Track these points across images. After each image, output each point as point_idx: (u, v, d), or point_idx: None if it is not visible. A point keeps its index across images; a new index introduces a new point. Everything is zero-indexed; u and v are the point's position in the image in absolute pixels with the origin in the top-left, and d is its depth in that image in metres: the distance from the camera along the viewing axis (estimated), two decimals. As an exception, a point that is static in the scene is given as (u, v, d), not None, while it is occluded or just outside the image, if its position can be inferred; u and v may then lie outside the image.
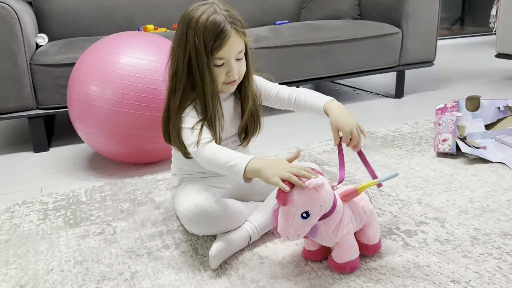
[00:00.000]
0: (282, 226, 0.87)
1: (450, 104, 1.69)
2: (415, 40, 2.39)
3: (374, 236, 0.99)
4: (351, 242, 0.94)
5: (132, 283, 0.95)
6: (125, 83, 1.38)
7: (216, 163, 0.96)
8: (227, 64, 1.00)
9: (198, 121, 1.01)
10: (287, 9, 2.64)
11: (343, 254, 0.94)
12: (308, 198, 0.85)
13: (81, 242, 1.12)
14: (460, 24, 5.06)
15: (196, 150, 0.98)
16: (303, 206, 0.85)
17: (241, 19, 1.02)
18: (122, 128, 1.42)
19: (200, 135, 0.99)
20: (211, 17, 0.97)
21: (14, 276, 1.00)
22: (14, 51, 1.69)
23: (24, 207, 1.33)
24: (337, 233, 0.92)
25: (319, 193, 0.86)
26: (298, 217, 0.86)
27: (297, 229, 0.86)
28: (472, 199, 1.26)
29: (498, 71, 3.04)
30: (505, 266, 0.95)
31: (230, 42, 0.98)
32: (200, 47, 0.97)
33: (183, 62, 1.00)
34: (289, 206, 0.85)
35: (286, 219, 0.86)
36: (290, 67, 2.14)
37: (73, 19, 2.18)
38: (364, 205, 0.96)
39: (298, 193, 0.85)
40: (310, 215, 0.86)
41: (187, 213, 1.01)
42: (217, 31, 0.96)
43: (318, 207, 0.87)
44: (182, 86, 1.02)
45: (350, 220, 0.94)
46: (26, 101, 1.75)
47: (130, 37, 1.52)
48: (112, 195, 1.38)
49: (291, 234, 0.86)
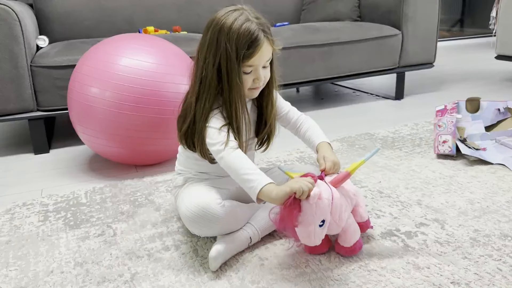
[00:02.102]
0: (306, 241, 0.94)
1: (450, 105, 1.70)
2: (415, 42, 2.40)
3: (364, 213, 1.06)
4: (354, 224, 1.01)
5: (132, 284, 0.95)
6: (125, 85, 1.39)
7: (237, 170, 0.97)
8: (255, 71, 1.02)
9: (225, 124, 1.01)
10: (287, 11, 2.65)
11: (350, 237, 1.00)
12: (316, 210, 0.90)
13: (81, 243, 1.12)
14: (460, 25, 5.06)
15: (223, 149, 0.98)
16: (317, 219, 0.91)
17: (270, 27, 1.03)
18: (122, 130, 1.42)
19: (228, 137, 1.00)
20: (245, 24, 0.97)
21: (14, 277, 1.00)
22: (15, 53, 1.69)
23: (25, 208, 1.33)
24: (342, 219, 0.97)
25: (322, 200, 0.91)
26: (317, 228, 0.92)
27: (319, 236, 0.93)
28: (472, 200, 1.26)
29: (498, 73, 3.04)
30: (505, 267, 0.95)
31: (262, 51, 0.99)
32: (232, 53, 0.97)
33: (213, 67, 0.99)
34: (305, 227, 0.91)
35: (308, 236, 0.92)
36: (290, 69, 2.14)
37: (74, 21, 2.19)
38: (351, 188, 1.02)
39: (306, 212, 0.90)
40: (325, 220, 0.93)
41: (189, 214, 1.01)
42: (251, 39, 0.97)
43: (329, 212, 0.93)
44: (211, 90, 1.01)
45: (346, 203, 0.99)
46: (27, 103, 1.75)
47: (131, 39, 1.53)
48: (112, 196, 1.38)
49: (317, 242, 0.94)
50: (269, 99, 1.11)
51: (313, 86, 2.94)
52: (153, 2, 2.33)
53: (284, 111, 1.20)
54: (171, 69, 1.45)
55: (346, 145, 1.74)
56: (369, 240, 1.08)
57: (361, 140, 1.79)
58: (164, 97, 1.40)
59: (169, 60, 1.48)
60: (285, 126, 1.22)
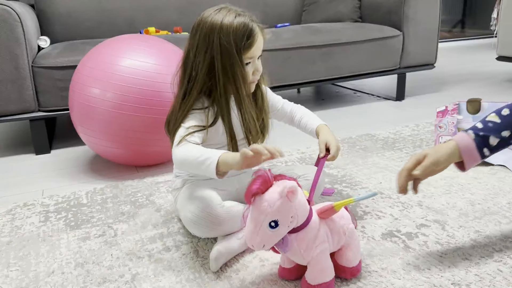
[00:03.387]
0: (249, 234, 0.81)
1: (451, 106, 1.70)
2: (416, 43, 2.40)
3: (353, 258, 0.92)
4: (325, 263, 0.88)
5: (133, 285, 0.96)
6: (126, 86, 1.39)
7: (189, 159, 0.95)
8: (253, 63, 1.04)
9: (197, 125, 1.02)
10: (288, 12, 2.65)
11: (316, 275, 0.88)
12: (279, 206, 0.79)
13: (82, 244, 1.12)
14: (461, 26, 5.06)
15: (175, 146, 0.99)
16: (272, 214, 0.79)
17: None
18: (123, 131, 1.42)
19: (190, 136, 0.99)
20: (236, 19, 1.00)
21: (15, 278, 1.00)
22: (16, 54, 1.70)
23: (25, 209, 1.33)
24: (310, 250, 0.86)
25: (291, 203, 0.80)
26: (266, 226, 0.80)
27: (264, 238, 0.80)
28: (472, 201, 1.26)
29: (499, 74, 3.04)
30: (505, 269, 0.95)
31: (258, 42, 1.02)
32: (230, 48, 0.98)
33: (203, 66, 1.00)
34: (258, 213, 0.80)
35: (254, 226, 0.80)
36: (291, 70, 2.14)
37: (75, 22, 2.19)
38: (344, 225, 0.90)
39: (269, 199, 0.79)
40: (279, 225, 0.80)
41: (190, 215, 1.01)
42: (247, 31, 0.99)
43: (289, 217, 0.81)
44: (197, 90, 1.02)
45: (326, 239, 0.87)
46: (28, 104, 1.75)
47: (132, 40, 1.53)
48: (113, 197, 1.38)
49: (257, 243, 0.81)
50: (259, 93, 1.12)
51: (314, 87, 2.94)
52: (154, 3, 2.33)
53: (278, 105, 1.23)
54: (172, 70, 1.44)
55: (347, 146, 1.74)
56: (370, 241, 1.08)
57: (362, 141, 1.79)
58: (165, 98, 1.40)
59: (170, 61, 1.48)
60: (281, 120, 1.25)
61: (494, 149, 0.99)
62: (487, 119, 1.01)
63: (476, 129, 1.00)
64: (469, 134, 0.99)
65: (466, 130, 1.01)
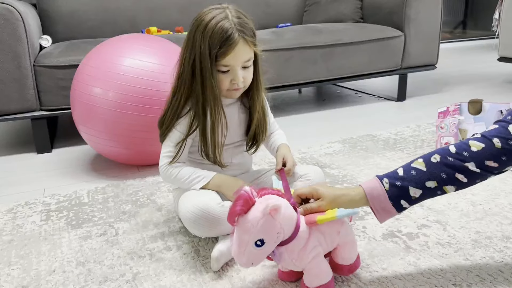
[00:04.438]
0: (235, 254, 0.80)
1: (452, 107, 1.70)
2: (417, 44, 2.40)
3: (349, 257, 0.92)
4: (320, 266, 0.87)
5: (134, 284, 0.96)
6: (128, 85, 1.39)
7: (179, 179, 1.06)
8: (232, 71, 1.00)
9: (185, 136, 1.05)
10: (289, 12, 2.65)
11: (313, 279, 0.87)
12: (262, 225, 0.78)
13: (83, 243, 1.13)
14: (462, 27, 5.06)
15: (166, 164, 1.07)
16: (257, 233, 0.78)
17: (252, 27, 1.01)
18: (124, 130, 1.42)
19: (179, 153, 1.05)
20: (220, 23, 0.96)
21: (17, 276, 1.00)
22: (18, 53, 1.70)
23: (27, 208, 1.33)
24: (301, 259, 0.85)
25: (275, 220, 0.79)
26: (251, 245, 0.78)
27: (250, 257, 0.79)
28: (474, 202, 1.26)
29: (501, 75, 3.04)
30: (506, 269, 0.95)
31: (236, 51, 0.98)
32: (205, 52, 0.97)
33: (188, 64, 1.01)
34: (242, 233, 0.79)
35: (239, 246, 0.79)
36: (292, 70, 2.14)
37: (77, 21, 2.19)
38: (338, 225, 0.88)
39: (252, 219, 0.78)
40: (265, 243, 0.79)
41: (189, 215, 1.01)
42: (223, 38, 0.96)
43: (275, 234, 0.80)
44: (186, 87, 1.03)
45: (318, 243, 0.86)
46: (30, 103, 1.75)
47: (133, 39, 1.53)
48: (114, 196, 1.39)
49: (244, 262, 0.80)
50: (254, 100, 1.09)
51: (315, 87, 2.94)
52: (155, 3, 2.33)
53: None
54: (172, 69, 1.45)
55: (348, 147, 1.74)
56: (371, 241, 1.08)
57: (363, 142, 1.79)
58: (166, 97, 1.40)
59: (172, 61, 1.47)
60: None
61: (417, 201, 0.86)
62: (412, 165, 0.86)
63: (394, 177, 0.86)
64: (383, 184, 0.86)
65: (382, 178, 0.87)
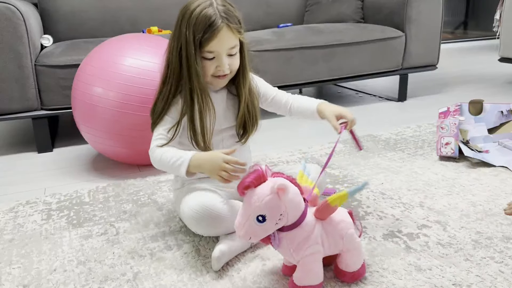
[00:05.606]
0: (237, 224, 0.83)
1: (453, 107, 1.70)
2: (418, 44, 2.40)
3: (352, 264, 0.91)
4: (312, 266, 0.86)
5: (134, 283, 0.96)
6: (129, 85, 1.39)
7: (164, 161, 1.02)
8: (217, 58, 1.01)
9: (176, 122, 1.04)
10: (290, 12, 2.65)
11: (302, 276, 0.87)
12: (267, 201, 0.80)
13: (84, 242, 1.13)
14: (463, 28, 5.06)
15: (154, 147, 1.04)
16: (260, 208, 0.80)
17: (238, 15, 1.02)
18: (125, 130, 1.43)
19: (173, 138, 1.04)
20: (204, 10, 0.97)
21: (17, 275, 1.00)
22: (20, 52, 1.70)
23: (28, 207, 1.34)
24: (299, 250, 0.85)
25: (280, 201, 0.80)
26: (253, 219, 0.81)
27: (249, 230, 0.82)
28: (474, 203, 1.26)
29: (501, 75, 3.04)
30: (507, 270, 0.95)
31: (220, 37, 0.99)
32: (189, 38, 0.98)
33: (176, 52, 1.02)
34: (247, 205, 0.81)
35: (241, 216, 0.82)
36: (293, 70, 2.14)
37: (78, 21, 2.20)
38: (342, 229, 0.88)
39: (259, 193, 0.80)
40: (267, 220, 0.81)
41: (192, 213, 1.01)
42: (207, 25, 0.97)
43: (278, 214, 0.81)
44: (175, 76, 1.04)
45: (320, 242, 0.86)
46: (31, 102, 1.76)
47: (134, 39, 1.53)
48: (115, 196, 1.39)
49: (242, 234, 0.82)
50: (241, 87, 1.09)
51: (316, 87, 2.94)
52: (156, 2, 2.34)
53: (270, 95, 1.19)
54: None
55: (349, 147, 1.74)
56: (371, 241, 1.08)
57: (363, 142, 1.79)
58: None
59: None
60: (277, 111, 1.21)
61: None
62: None
63: None
64: None
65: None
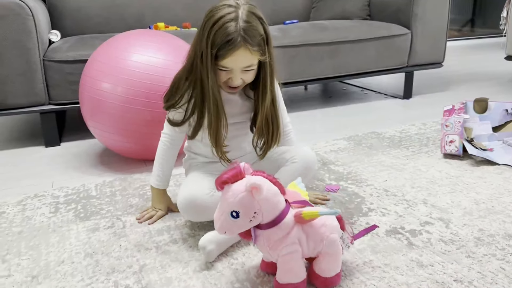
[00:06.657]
0: (215, 216, 0.85)
1: (458, 105, 1.70)
2: (424, 41, 2.39)
3: (327, 269, 0.90)
4: (291, 264, 0.87)
5: (140, 276, 0.98)
6: (136, 81, 1.41)
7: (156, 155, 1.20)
8: (231, 71, 1.02)
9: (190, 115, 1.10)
10: (296, 9, 2.66)
11: (283, 275, 0.88)
12: (241, 199, 0.81)
13: (91, 235, 1.15)
14: (470, 25, 5.03)
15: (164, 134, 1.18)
16: (234, 205, 0.82)
17: (261, 32, 1.00)
18: (132, 125, 1.44)
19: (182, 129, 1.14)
20: (225, 24, 0.95)
21: (26, 266, 1.02)
22: (28, 47, 1.72)
23: (36, 200, 1.36)
24: (275, 249, 0.86)
25: (253, 199, 0.82)
26: (227, 214, 0.83)
27: (224, 224, 0.84)
28: (477, 200, 1.27)
29: (507, 74, 3.03)
30: (508, 267, 0.96)
31: (235, 56, 0.98)
32: (207, 48, 0.98)
33: (196, 54, 1.03)
34: (223, 200, 0.84)
35: (218, 211, 0.85)
36: (298, 67, 2.15)
37: (85, 17, 2.21)
38: (324, 233, 0.88)
39: (234, 190, 0.82)
40: (240, 216, 0.82)
41: (178, 203, 1.09)
42: (224, 41, 0.96)
43: (251, 212, 0.83)
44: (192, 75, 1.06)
45: (297, 242, 0.87)
46: (39, 97, 1.78)
47: (141, 35, 1.55)
48: (121, 190, 1.41)
49: (218, 227, 0.84)
50: (259, 100, 1.09)
51: (321, 84, 2.94)
52: (163, -2, 2.35)
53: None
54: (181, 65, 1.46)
55: (353, 144, 1.75)
56: (374, 237, 1.09)
57: (368, 139, 1.80)
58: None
59: (179, 57, 1.49)
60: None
61: None
62: None
63: None
64: None
65: None
